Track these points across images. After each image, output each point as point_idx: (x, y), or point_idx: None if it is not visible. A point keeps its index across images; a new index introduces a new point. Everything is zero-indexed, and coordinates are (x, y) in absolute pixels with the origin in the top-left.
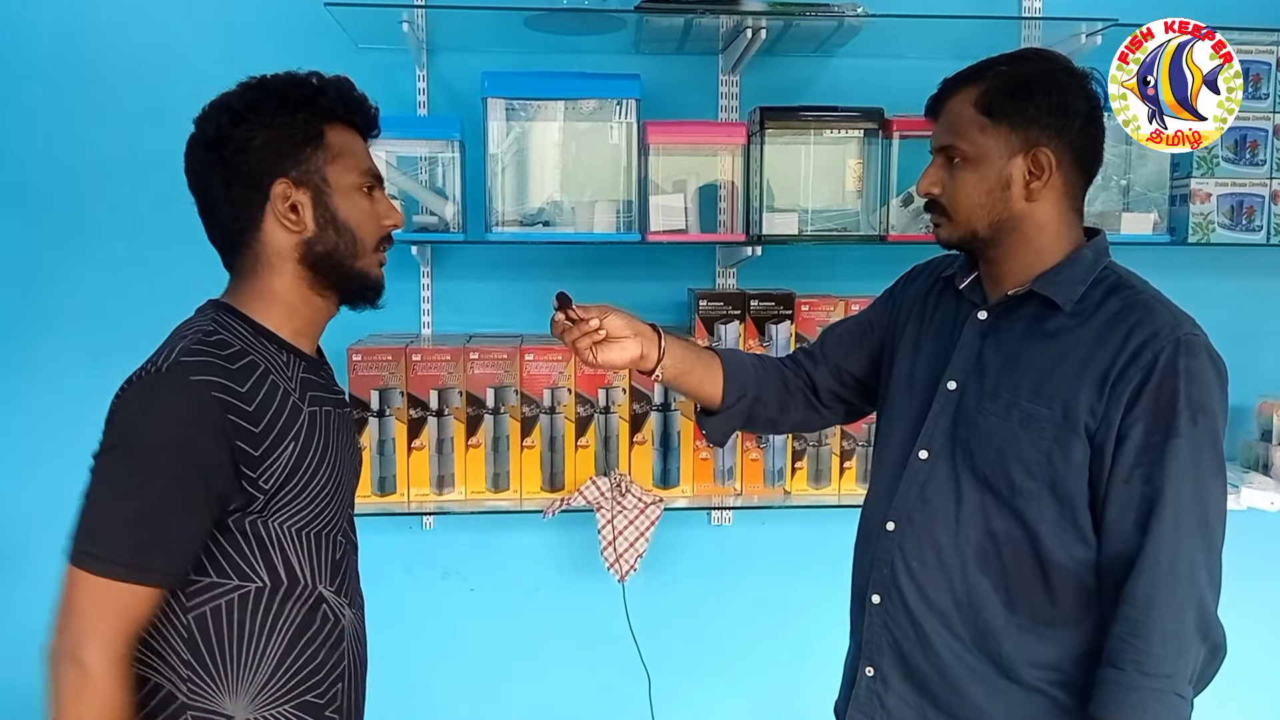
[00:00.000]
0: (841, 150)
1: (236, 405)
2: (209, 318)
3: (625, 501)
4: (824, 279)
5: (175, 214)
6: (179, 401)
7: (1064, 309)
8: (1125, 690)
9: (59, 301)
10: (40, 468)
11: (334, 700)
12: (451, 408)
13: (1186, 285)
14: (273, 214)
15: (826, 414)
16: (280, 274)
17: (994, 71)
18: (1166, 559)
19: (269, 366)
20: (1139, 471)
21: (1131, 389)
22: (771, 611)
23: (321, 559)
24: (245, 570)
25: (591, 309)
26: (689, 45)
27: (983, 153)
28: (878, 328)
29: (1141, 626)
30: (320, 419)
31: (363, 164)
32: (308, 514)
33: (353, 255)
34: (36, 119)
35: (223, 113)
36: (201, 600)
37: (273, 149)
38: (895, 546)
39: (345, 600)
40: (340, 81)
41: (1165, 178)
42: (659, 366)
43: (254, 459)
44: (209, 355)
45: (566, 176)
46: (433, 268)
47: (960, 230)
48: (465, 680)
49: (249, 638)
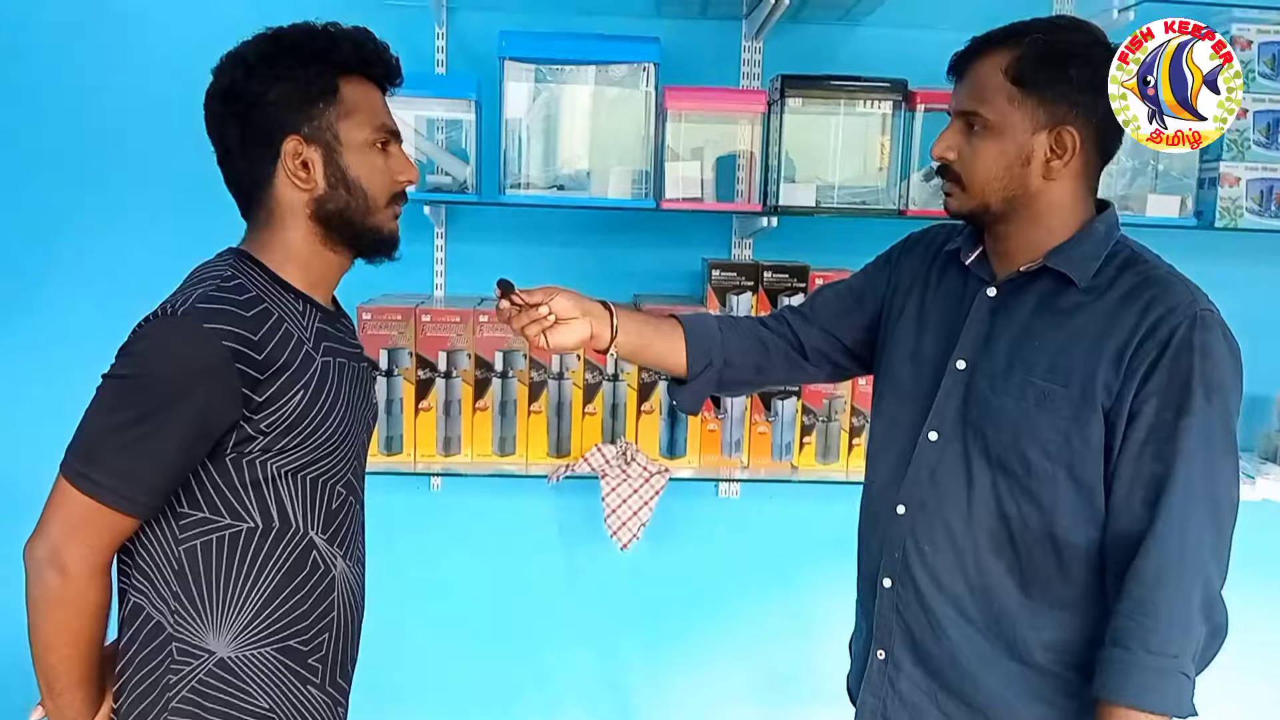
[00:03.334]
0: (865, 123)
1: (246, 353)
2: (229, 263)
3: (630, 470)
4: (841, 252)
5: (193, 163)
6: (191, 347)
7: (1079, 285)
8: (1132, 669)
9: (74, 248)
10: (51, 412)
11: (319, 649)
12: (460, 370)
13: (1212, 270)
14: (284, 171)
15: (813, 372)
16: (294, 228)
17: (1030, 39)
18: (1175, 539)
19: (283, 314)
20: (1150, 449)
21: (1147, 364)
22: (776, 586)
23: (316, 505)
24: (238, 509)
25: (536, 292)
26: (711, 9)
27: (1007, 124)
28: (873, 296)
29: (1149, 605)
30: (334, 369)
31: (377, 119)
32: (308, 459)
33: (365, 212)
34: (55, 67)
35: (237, 65)
36: (193, 535)
37: (285, 103)
38: (906, 530)
39: (340, 551)
40: (357, 33)
41: (1195, 162)
42: (612, 344)
43: (259, 404)
44: (224, 302)
45: (585, 141)
46: (447, 229)
47: (972, 201)
48: (467, 642)
49: (236, 576)
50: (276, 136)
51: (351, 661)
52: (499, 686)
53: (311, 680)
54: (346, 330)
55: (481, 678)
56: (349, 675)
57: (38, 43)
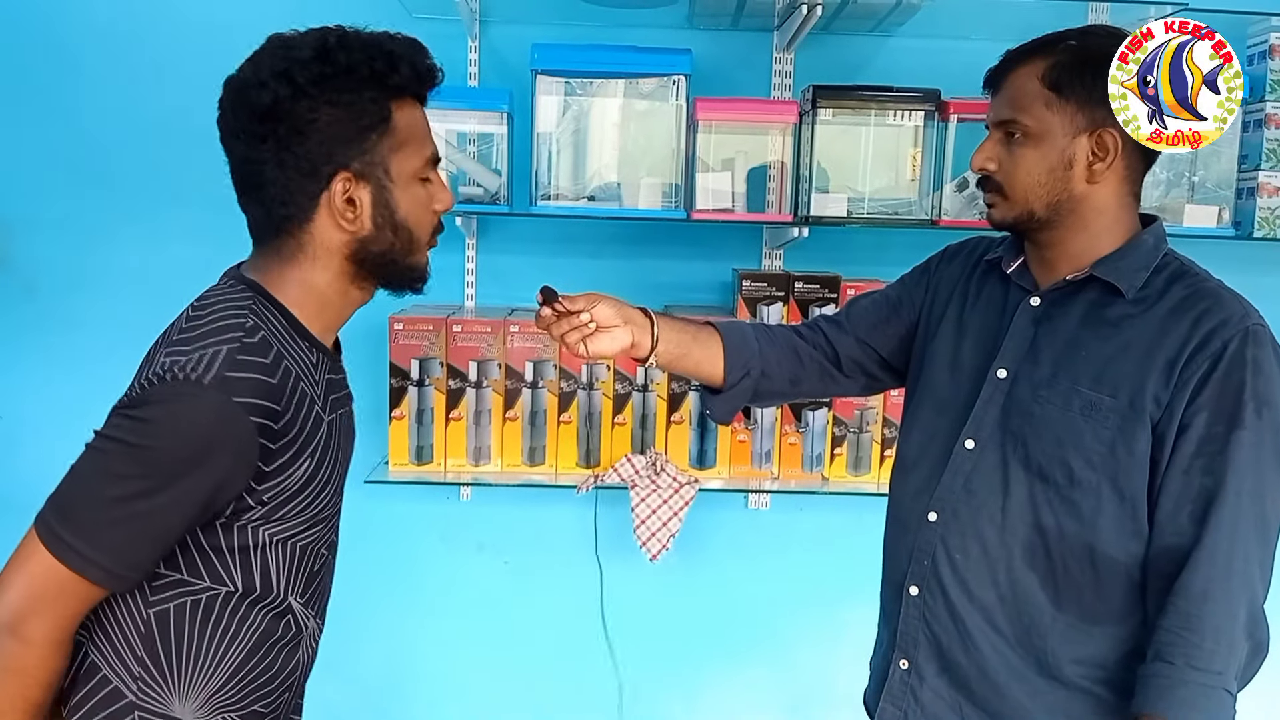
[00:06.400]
0: (897, 134)
1: (270, 426)
2: (247, 306)
3: (660, 480)
4: (872, 263)
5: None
6: (216, 422)
7: (1126, 295)
8: (1176, 685)
9: (109, 262)
10: (84, 427)
11: (277, 709)
12: (490, 380)
13: (1252, 281)
14: (327, 207)
15: (846, 383)
16: (325, 269)
17: (1063, 46)
18: (1223, 554)
19: (300, 372)
20: (1199, 462)
21: (1199, 377)
22: (806, 598)
23: (299, 569)
24: (219, 573)
25: (578, 299)
26: (743, 21)
27: (1046, 129)
28: (910, 305)
29: (1195, 621)
30: (336, 426)
31: (426, 149)
32: (301, 527)
33: (407, 253)
34: (94, 81)
35: (282, 82)
36: (166, 597)
37: (335, 134)
38: (937, 538)
39: (312, 611)
40: (414, 50)
41: (1233, 172)
42: (653, 353)
43: (267, 474)
44: (253, 369)
45: (616, 153)
46: (478, 240)
47: (1016, 210)
48: (494, 652)
49: (210, 641)
50: (324, 170)
51: (297, 706)
52: (526, 697)
53: None
54: (341, 370)
55: (509, 688)
56: None
57: (76, 56)
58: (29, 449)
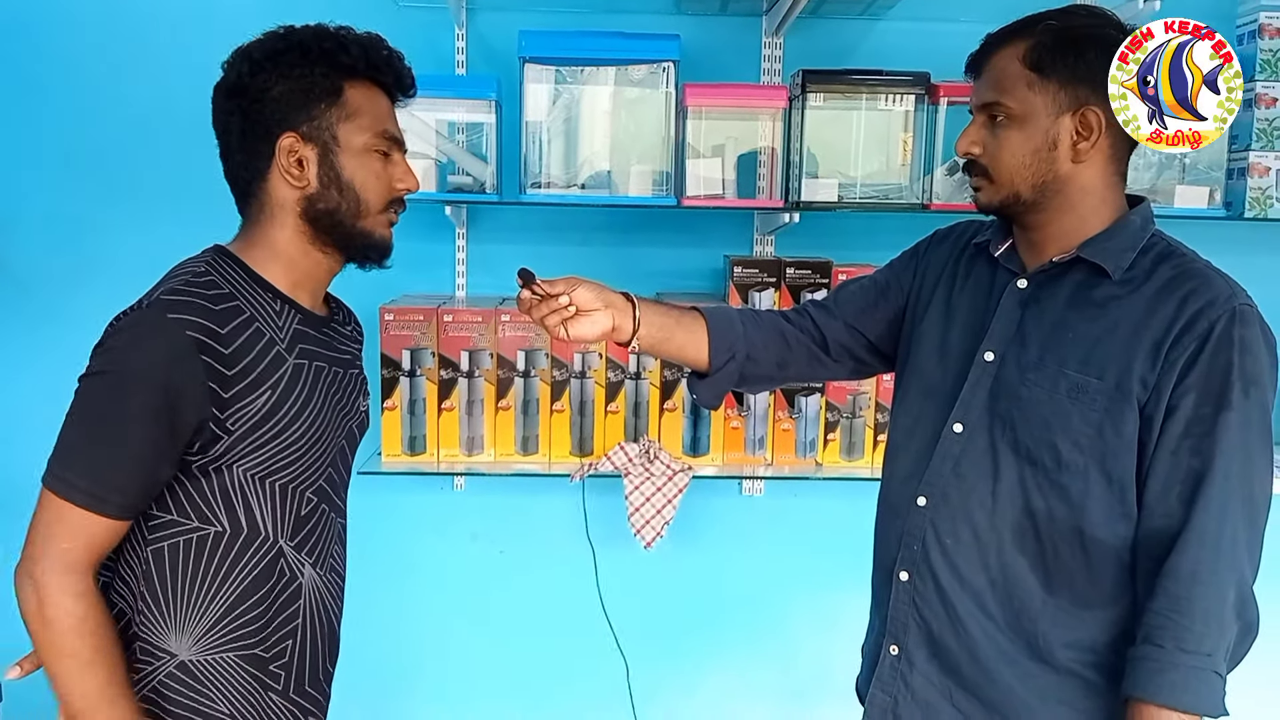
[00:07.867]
0: (887, 118)
1: (212, 346)
2: (205, 260)
3: (654, 468)
4: (863, 248)
5: (217, 170)
6: (156, 338)
7: (1113, 277)
8: (1166, 668)
9: (103, 255)
10: None
11: (281, 656)
12: (482, 369)
13: (1242, 261)
14: (278, 166)
15: (834, 368)
16: (282, 226)
17: (1043, 26)
18: (1212, 535)
19: (256, 314)
20: (1187, 444)
21: (1186, 358)
22: (801, 583)
23: (285, 512)
24: (205, 513)
25: (558, 283)
26: (732, 5)
27: (1029, 110)
28: (899, 290)
29: (1184, 603)
30: (308, 373)
31: (379, 125)
32: (274, 464)
33: (355, 215)
34: (83, 76)
35: (243, 60)
36: (160, 537)
37: (286, 101)
38: (927, 522)
39: (309, 558)
40: (368, 39)
41: (1224, 153)
42: (634, 337)
43: (224, 400)
44: (192, 295)
45: (606, 141)
46: (468, 230)
47: (1002, 193)
48: (489, 641)
49: (201, 580)
50: (275, 132)
51: (324, 671)
52: (522, 685)
53: (274, 687)
54: (340, 336)
55: (504, 677)
56: (321, 684)
57: (68, 49)
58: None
